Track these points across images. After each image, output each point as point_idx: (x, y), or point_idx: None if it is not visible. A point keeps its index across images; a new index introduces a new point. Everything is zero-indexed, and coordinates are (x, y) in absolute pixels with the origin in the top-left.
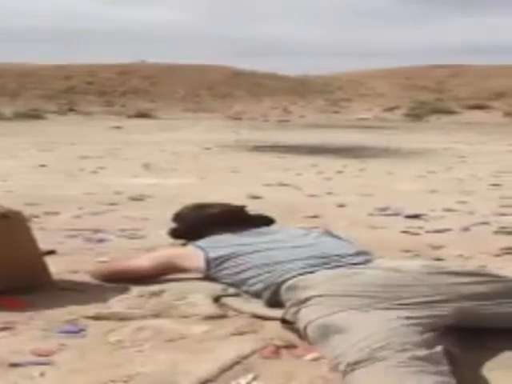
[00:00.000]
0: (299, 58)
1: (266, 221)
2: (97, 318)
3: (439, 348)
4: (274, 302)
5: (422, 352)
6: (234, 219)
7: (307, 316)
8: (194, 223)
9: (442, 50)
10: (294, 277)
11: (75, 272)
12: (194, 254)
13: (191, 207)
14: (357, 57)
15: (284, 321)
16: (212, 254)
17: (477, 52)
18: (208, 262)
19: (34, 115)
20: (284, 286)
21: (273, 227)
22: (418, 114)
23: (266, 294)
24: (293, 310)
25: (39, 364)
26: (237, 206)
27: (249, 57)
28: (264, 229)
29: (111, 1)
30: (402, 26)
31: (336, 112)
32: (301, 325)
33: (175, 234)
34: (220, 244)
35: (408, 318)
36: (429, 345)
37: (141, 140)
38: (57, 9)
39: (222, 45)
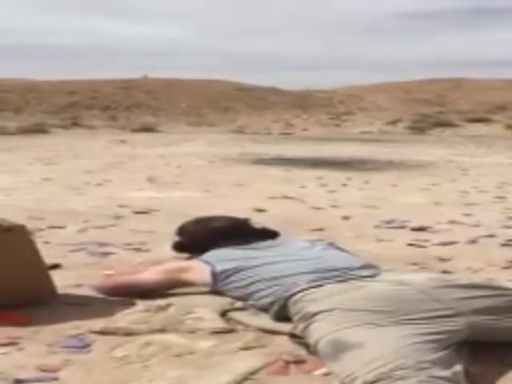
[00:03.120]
0: (299, 72)
1: (270, 234)
2: (103, 332)
3: (459, 367)
4: (282, 315)
5: (442, 371)
6: (239, 232)
7: (317, 331)
8: (199, 237)
9: (441, 63)
10: (301, 290)
11: (80, 286)
12: (200, 268)
13: (195, 220)
14: (357, 71)
15: (293, 335)
16: (218, 268)
17: (475, 66)
18: (214, 275)
19: (38, 130)
20: (292, 300)
21: (278, 240)
22: (420, 127)
23: (274, 308)
24: (302, 324)
25: (44, 380)
26: (241, 219)
27: (249, 71)
28: (269, 242)
29: (112, 16)
30: (402, 40)
31: (338, 125)
32: (311, 340)
33: (179, 247)
34: (226, 257)
35: (422, 334)
36: (446, 363)
37: (145, 154)
38: (58, 26)
39: (223, 59)
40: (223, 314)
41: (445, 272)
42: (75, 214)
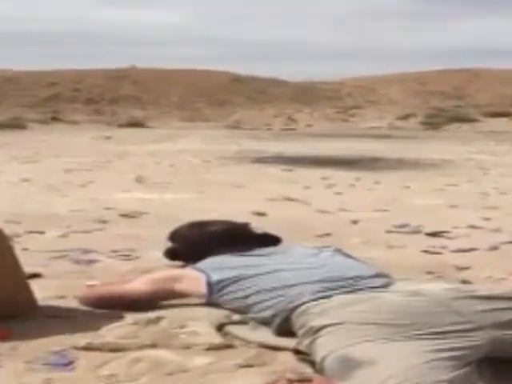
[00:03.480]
0: (303, 62)
1: (272, 240)
2: (87, 348)
3: None
4: (285, 329)
5: None
6: (238, 238)
7: (325, 347)
8: (193, 243)
9: (458, 52)
10: (307, 302)
11: (63, 297)
12: (194, 277)
13: (190, 225)
14: (366, 61)
15: (297, 351)
16: (214, 277)
17: (495, 55)
18: (210, 285)
19: (16, 125)
20: (296, 312)
21: (280, 247)
22: (435, 122)
23: (276, 321)
24: (307, 339)
25: None
26: (240, 224)
27: (248, 61)
28: (270, 248)
29: (98, 2)
30: (415, 27)
31: (345, 121)
32: (317, 357)
33: (172, 254)
34: (223, 266)
35: (439, 350)
36: (466, 382)
37: (133, 151)
38: (40, 11)
39: (220, 48)
40: (220, 327)
41: (463, 282)
42: (56, 217)
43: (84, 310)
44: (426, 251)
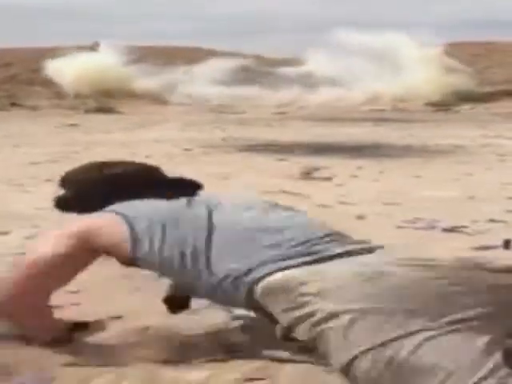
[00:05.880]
0: (291, 35)
1: (192, 186)
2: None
3: None
4: (253, 306)
5: None
6: (148, 183)
7: (349, 343)
8: (91, 189)
9: (469, 24)
10: (272, 272)
11: None
12: (114, 225)
13: (87, 167)
14: (364, 33)
15: (285, 338)
16: (140, 225)
17: (509, 26)
18: (134, 239)
19: None
20: (262, 287)
21: (204, 195)
22: (445, 102)
23: (240, 298)
24: (305, 325)
25: None
26: (150, 166)
27: (230, 36)
28: (199, 197)
29: None
30: None
31: (341, 100)
32: (340, 355)
33: (62, 203)
34: (146, 214)
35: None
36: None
37: (103, 140)
38: None
39: (197, 21)
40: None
41: None
42: (22, 216)
43: None
44: (443, 249)
